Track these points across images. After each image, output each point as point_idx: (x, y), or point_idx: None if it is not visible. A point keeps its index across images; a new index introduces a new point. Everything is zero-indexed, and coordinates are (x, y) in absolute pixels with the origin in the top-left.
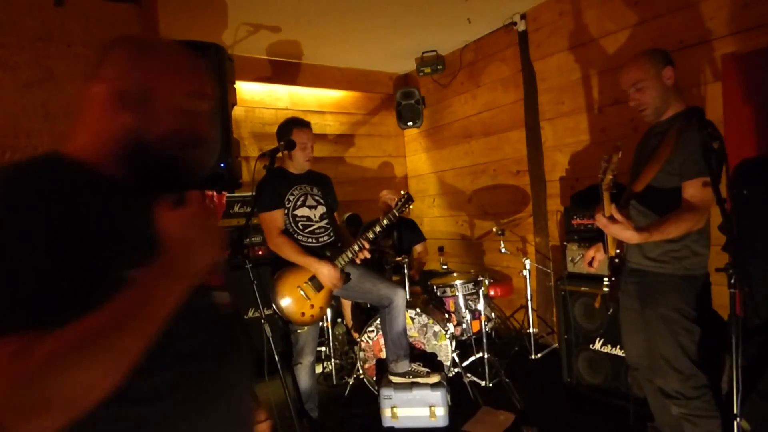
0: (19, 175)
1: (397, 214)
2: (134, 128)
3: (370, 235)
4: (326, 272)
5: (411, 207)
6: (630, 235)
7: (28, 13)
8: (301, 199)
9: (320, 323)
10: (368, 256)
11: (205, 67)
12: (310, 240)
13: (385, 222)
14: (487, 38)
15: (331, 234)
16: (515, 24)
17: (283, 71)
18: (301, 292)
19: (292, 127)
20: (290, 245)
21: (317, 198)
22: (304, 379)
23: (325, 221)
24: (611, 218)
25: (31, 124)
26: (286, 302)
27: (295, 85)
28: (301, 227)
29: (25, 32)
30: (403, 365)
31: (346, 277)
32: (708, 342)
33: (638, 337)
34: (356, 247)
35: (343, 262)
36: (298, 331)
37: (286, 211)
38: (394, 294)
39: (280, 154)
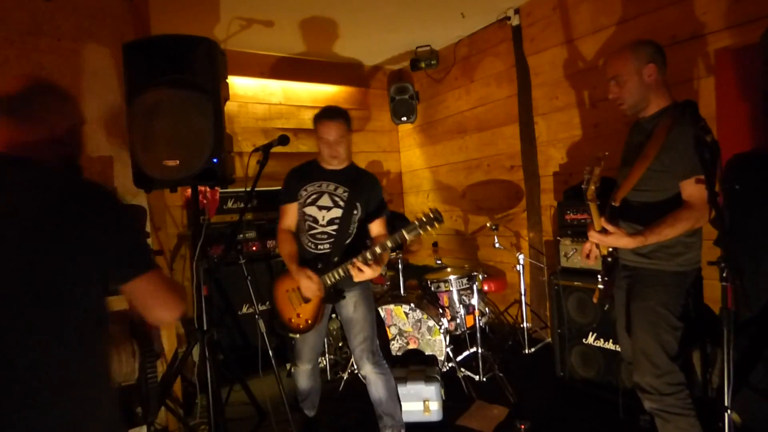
0: None
1: (406, 237)
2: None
3: (368, 256)
4: (303, 284)
5: (437, 226)
6: (626, 242)
7: (18, 7)
8: (313, 196)
9: (323, 331)
10: (364, 278)
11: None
12: (310, 244)
13: (389, 244)
14: (480, 33)
15: (335, 243)
16: (509, 19)
17: (277, 66)
18: (289, 299)
19: (316, 119)
20: (285, 245)
21: (337, 198)
22: (300, 381)
23: (333, 227)
24: (603, 231)
25: None
26: (277, 303)
27: (288, 80)
28: (306, 227)
29: (14, 26)
30: None
31: (337, 295)
32: (697, 336)
33: None
34: (349, 265)
35: (331, 280)
36: (290, 335)
37: (299, 207)
38: (358, 362)
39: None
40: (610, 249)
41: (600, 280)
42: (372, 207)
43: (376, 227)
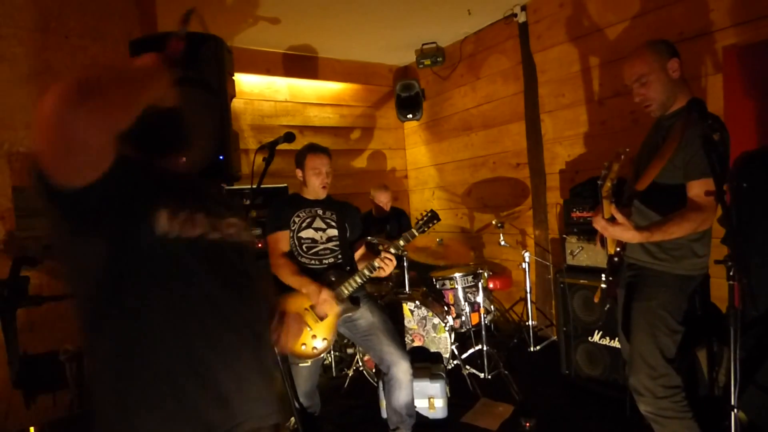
0: None
1: (416, 234)
2: None
3: (392, 250)
4: (314, 290)
5: (434, 225)
6: (631, 236)
7: (26, 5)
8: (308, 221)
9: (322, 357)
10: (389, 271)
11: None
12: (313, 261)
13: (401, 243)
14: (487, 30)
15: (339, 257)
16: (515, 15)
17: (283, 63)
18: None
19: (306, 152)
20: (288, 266)
21: (329, 220)
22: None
23: (333, 243)
24: (611, 219)
25: (29, 116)
26: None
27: (294, 77)
28: (305, 249)
29: (23, 24)
30: None
31: (354, 303)
32: (704, 334)
33: None
34: (366, 271)
35: (348, 290)
36: (300, 365)
37: (291, 234)
38: (395, 364)
39: (300, 176)
40: (618, 249)
41: (603, 279)
42: (355, 229)
43: (360, 248)
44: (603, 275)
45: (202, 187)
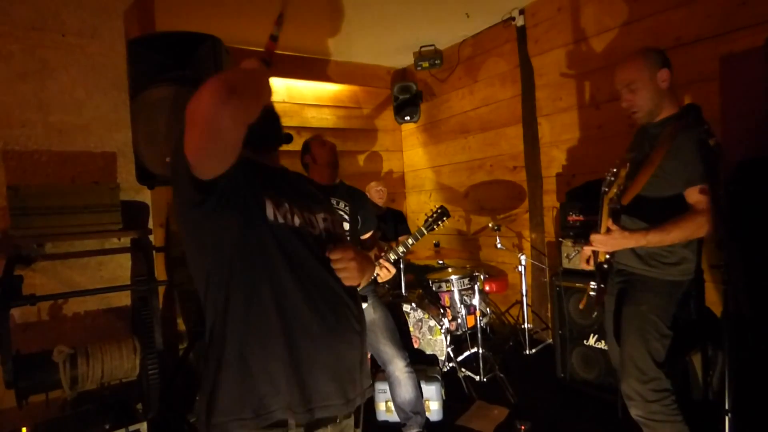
0: None
1: (425, 232)
2: None
3: (392, 256)
4: None
5: (446, 221)
6: (627, 241)
7: (22, 2)
8: None
9: None
10: (388, 276)
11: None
12: None
13: (410, 241)
14: (485, 33)
15: None
16: (514, 19)
17: (280, 64)
18: None
19: (309, 144)
20: None
21: (342, 213)
22: None
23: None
24: (607, 232)
25: (25, 114)
26: None
27: (292, 78)
28: None
29: (19, 21)
30: None
31: (362, 301)
32: (698, 339)
33: None
34: (376, 270)
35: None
36: None
37: None
38: (389, 362)
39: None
40: (608, 256)
41: (593, 286)
42: (367, 219)
43: (368, 238)
44: (592, 282)
45: (296, 183)
